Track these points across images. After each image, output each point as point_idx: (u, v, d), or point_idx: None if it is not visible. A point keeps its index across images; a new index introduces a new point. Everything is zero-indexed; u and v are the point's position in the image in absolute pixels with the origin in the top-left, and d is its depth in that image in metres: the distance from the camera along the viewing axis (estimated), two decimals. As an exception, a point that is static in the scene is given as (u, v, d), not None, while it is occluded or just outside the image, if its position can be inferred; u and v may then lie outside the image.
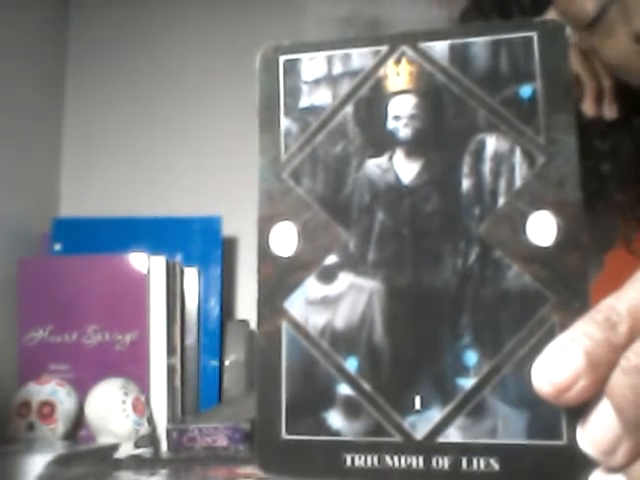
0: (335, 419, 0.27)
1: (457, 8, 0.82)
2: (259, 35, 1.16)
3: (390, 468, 0.26)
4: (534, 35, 0.28)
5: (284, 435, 0.27)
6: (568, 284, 0.25)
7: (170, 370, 0.95)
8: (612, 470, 0.23)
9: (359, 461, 0.26)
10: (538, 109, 0.27)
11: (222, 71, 1.19)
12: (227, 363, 1.03)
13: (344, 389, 0.27)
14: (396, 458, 0.26)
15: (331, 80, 0.29)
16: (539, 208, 0.26)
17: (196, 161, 1.17)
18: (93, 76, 1.20)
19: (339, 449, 0.26)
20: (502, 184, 0.27)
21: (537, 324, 0.25)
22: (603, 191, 0.77)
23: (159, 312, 0.95)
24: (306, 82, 0.29)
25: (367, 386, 0.27)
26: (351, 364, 0.27)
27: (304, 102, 0.29)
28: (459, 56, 0.28)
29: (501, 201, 0.27)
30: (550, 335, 0.25)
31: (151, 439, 0.87)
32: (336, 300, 0.27)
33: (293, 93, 0.29)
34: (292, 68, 0.30)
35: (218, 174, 1.15)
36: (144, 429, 0.87)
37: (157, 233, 1.04)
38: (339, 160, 0.28)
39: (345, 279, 0.27)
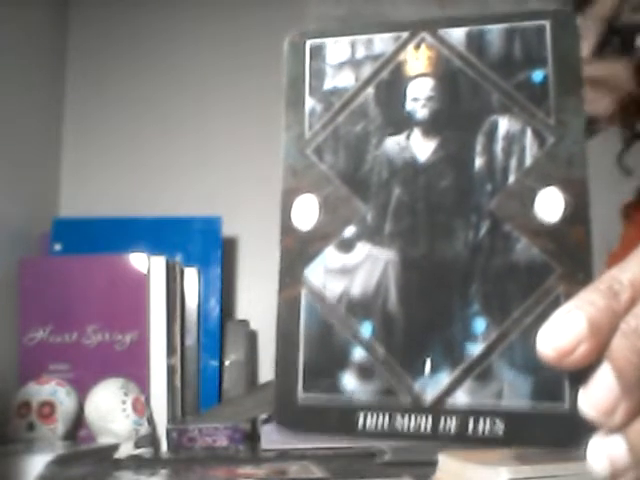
0: (349, 381, 0.28)
1: (456, 8, 0.83)
2: (259, 35, 1.16)
3: (400, 428, 0.27)
4: (547, 23, 0.29)
5: (301, 395, 0.28)
6: (573, 256, 0.27)
7: (170, 370, 0.95)
8: (611, 431, 0.25)
9: (371, 421, 0.28)
10: (549, 93, 0.29)
11: (222, 72, 1.19)
12: (227, 363, 1.03)
13: (359, 352, 0.28)
14: (406, 419, 0.27)
15: (354, 63, 0.31)
16: (548, 185, 0.28)
17: (196, 161, 1.17)
18: (93, 76, 1.21)
19: (352, 409, 0.28)
20: (513, 162, 0.28)
21: (543, 294, 0.27)
22: None
23: (159, 312, 0.95)
24: (330, 65, 0.31)
25: (380, 350, 0.28)
26: (366, 329, 0.28)
27: (328, 84, 0.31)
28: (475, 42, 0.30)
29: (512, 178, 0.28)
30: (555, 304, 0.26)
31: (151, 439, 0.87)
32: (353, 269, 0.29)
33: (318, 75, 0.31)
34: (318, 52, 0.31)
35: (218, 174, 1.16)
36: (144, 429, 0.87)
37: (157, 233, 1.04)
38: (360, 138, 0.30)
39: (362, 249, 0.29)
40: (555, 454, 0.55)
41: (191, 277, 1.02)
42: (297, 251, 0.29)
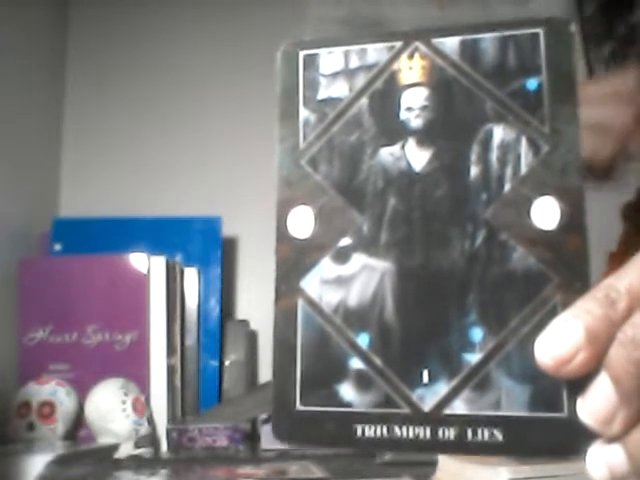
0: (347, 391, 0.28)
1: (456, 8, 0.83)
2: (259, 35, 1.16)
3: (399, 438, 0.27)
4: (540, 31, 0.29)
5: (299, 406, 0.28)
6: (570, 265, 0.27)
7: (170, 370, 0.95)
8: (610, 440, 0.25)
9: (369, 431, 0.27)
10: (543, 101, 0.28)
11: (222, 72, 1.19)
12: (227, 363, 1.03)
13: (356, 363, 0.28)
14: (404, 429, 0.27)
15: (348, 73, 0.31)
16: (543, 194, 0.27)
17: (196, 161, 1.17)
18: (93, 76, 1.21)
19: (350, 420, 0.28)
20: (508, 171, 0.28)
21: (540, 303, 0.27)
22: None
23: (159, 312, 0.95)
24: (324, 75, 0.31)
25: (378, 360, 0.28)
26: (363, 339, 0.28)
27: (322, 94, 0.31)
28: (469, 51, 0.30)
29: (507, 187, 0.28)
30: (552, 313, 0.26)
31: (151, 439, 0.87)
32: (349, 279, 0.29)
33: (312, 86, 0.31)
34: (311, 62, 0.31)
35: (218, 174, 1.16)
36: (144, 429, 0.87)
37: (157, 233, 1.04)
38: (354, 148, 0.30)
39: (358, 260, 0.29)
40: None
41: (191, 277, 1.02)
42: (293, 262, 0.29)
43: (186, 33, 1.21)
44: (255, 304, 1.10)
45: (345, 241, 0.29)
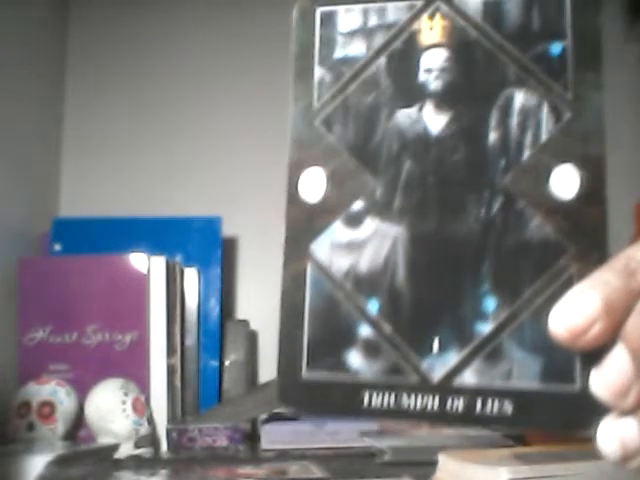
0: (355, 358, 0.27)
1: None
2: (259, 34, 1.16)
3: (406, 408, 0.27)
4: None
5: (305, 372, 0.28)
6: (588, 235, 0.26)
7: (170, 370, 0.95)
8: (623, 413, 0.24)
9: (376, 400, 0.27)
10: (567, 66, 0.28)
11: (223, 72, 1.19)
12: (227, 363, 1.03)
13: (365, 330, 0.27)
14: (412, 398, 0.27)
15: (366, 32, 0.30)
16: (563, 161, 0.27)
17: (196, 161, 1.17)
18: (93, 76, 1.20)
19: (358, 388, 0.27)
20: (528, 137, 0.28)
21: (556, 273, 0.26)
22: None
23: (159, 312, 0.95)
24: (341, 33, 0.30)
25: (387, 327, 0.27)
26: (373, 306, 0.27)
27: (339, 53, 0.30)
28: (492, 12, 0.29)
29: (526, 154, 0.27)
30: (568, 284, 0.26)
31: (151, 439, 0.87)
32: (361, 244, 0.28)
33: (328, 44, 0.30)
34: (328, 19, 0.30)
35: (218, 174, 1.16)
36: (144, 429, 0.87)
37: (157, 233, 1.04)
38: (370, 110, 0.29)
39: (371, 224, 0.28)
40: (555, 454, 0.55)
41: (191, 277, 1.02)
42: (303, 225, 0.28)
43: (186, 34, 1.21)
44: (255, 304, 1.10)
45: (358, 204, 0.28)
